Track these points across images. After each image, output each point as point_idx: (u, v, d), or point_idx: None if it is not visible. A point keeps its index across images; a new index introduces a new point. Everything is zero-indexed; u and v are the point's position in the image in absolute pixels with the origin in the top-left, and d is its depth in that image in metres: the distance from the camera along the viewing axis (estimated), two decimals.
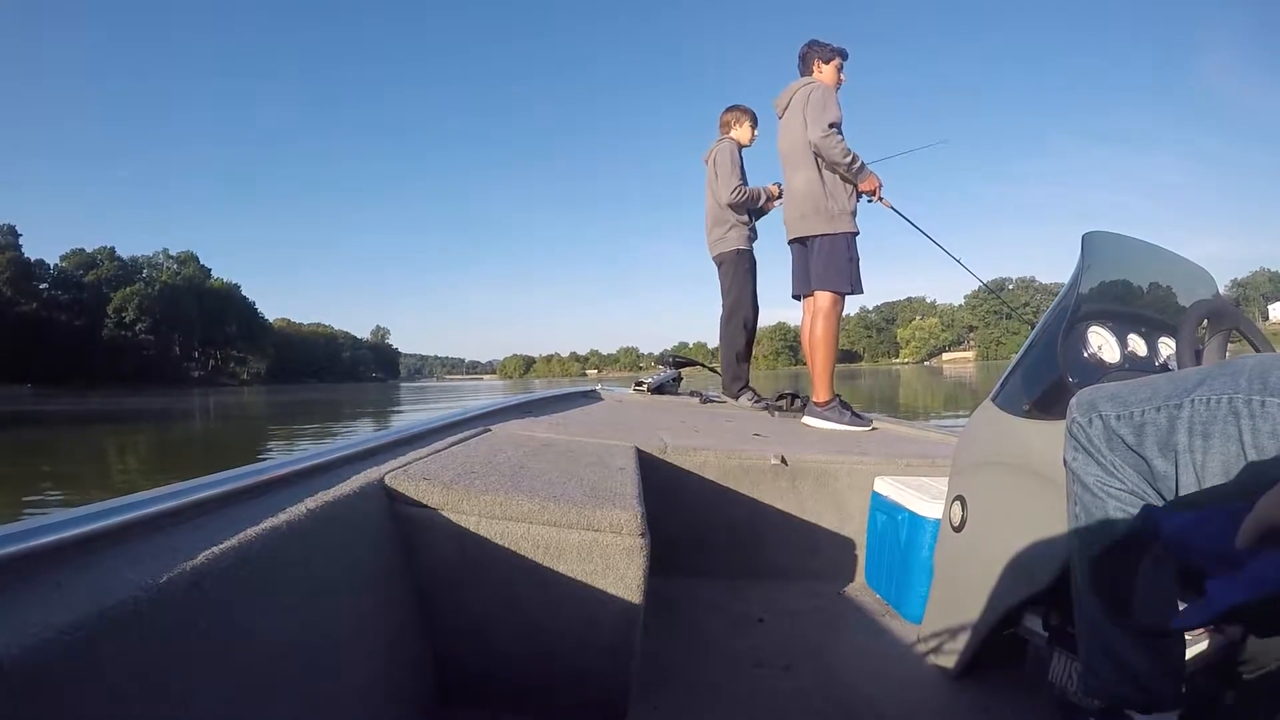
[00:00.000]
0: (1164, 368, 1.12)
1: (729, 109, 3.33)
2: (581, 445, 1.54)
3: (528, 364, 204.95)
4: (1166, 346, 1.15)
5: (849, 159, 2.47)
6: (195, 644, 0.53)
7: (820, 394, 2.52)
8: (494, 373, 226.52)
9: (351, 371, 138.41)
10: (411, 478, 0.95)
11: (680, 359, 4.59)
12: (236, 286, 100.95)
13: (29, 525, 0.58)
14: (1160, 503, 0.77)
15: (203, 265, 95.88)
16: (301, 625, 0.67)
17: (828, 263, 2.52)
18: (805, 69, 2.70)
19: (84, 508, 0.64)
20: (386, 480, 0.94)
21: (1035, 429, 1.06)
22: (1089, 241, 1.14)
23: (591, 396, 3.37)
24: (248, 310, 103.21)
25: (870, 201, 2.63)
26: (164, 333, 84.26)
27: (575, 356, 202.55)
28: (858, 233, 2.57)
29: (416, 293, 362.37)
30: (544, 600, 0.93)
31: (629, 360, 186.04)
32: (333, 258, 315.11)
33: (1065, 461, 0.86)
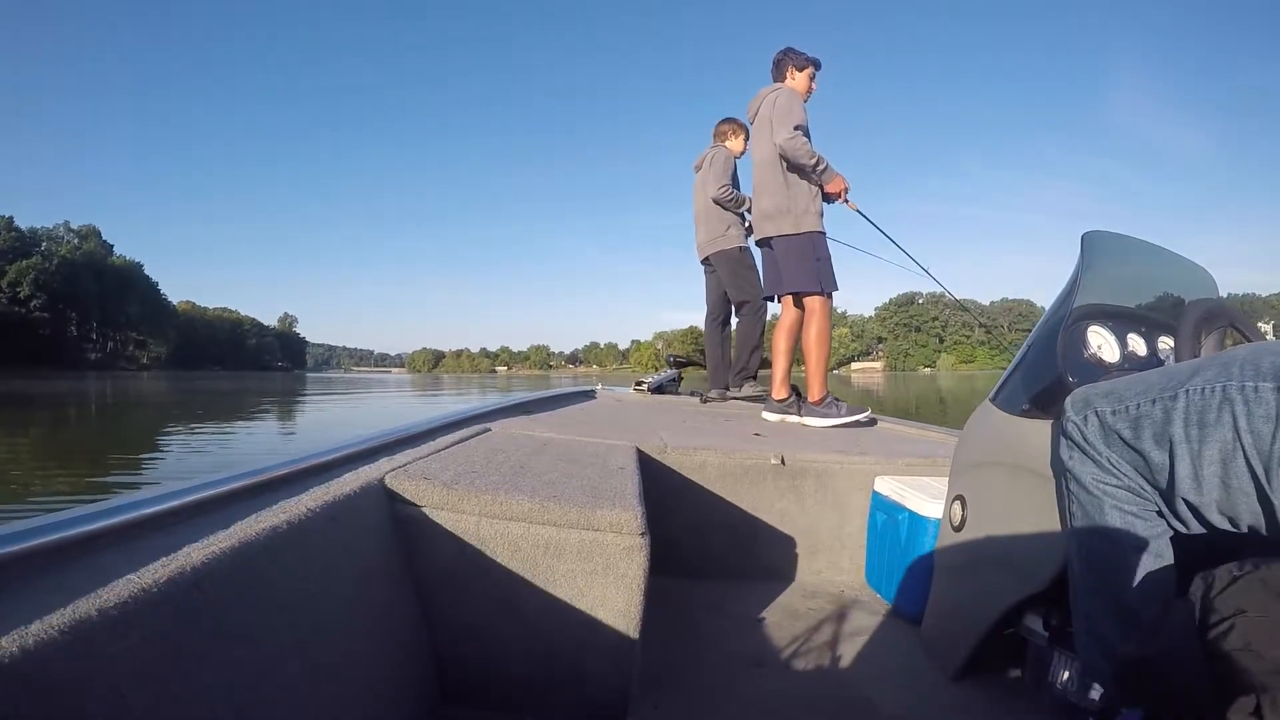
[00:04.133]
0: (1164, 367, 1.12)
1: (725, 120, 3.47)
2: (581, 445, 1.54)
3: (437, 358, 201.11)
4: (1166, 346, 1.15)
5: (814, 160, 2.50)
6: (195, 644, 0.53)
7: (814, 392, 2.55)
8: (402, 366, 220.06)
9: (256, 359, 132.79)
10: (411, 477, 0.95)
11: (680, 359, 4.58)
12: (139, 265, 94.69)
13: (29, 525, 0.58)
14: (1157, 496, 0.78)
15: (105, 241, 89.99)
16: (301, 625, 0.67)
17: (796, 263, 2.56)
18: (779, 75, 2.74)
19: (84, 508, 0.64)
20: (386, 480, 0.94)
21: (1035, 428, 1.06)
22: (1088, 241, 1.14)
23: (590, 396, 3.38)
24: (150, 291, 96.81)
25: (834, 203, 2.66)
26: (61, 311, 78.40)
27: (485, 353, 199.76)
28: (823, 232, 2.59)
29: (327, 280, 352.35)
30: (544, 600, 0.93)
31: (540, 358, 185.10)
32: (241, 239, 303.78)
33: (1061, 461, 0.86)
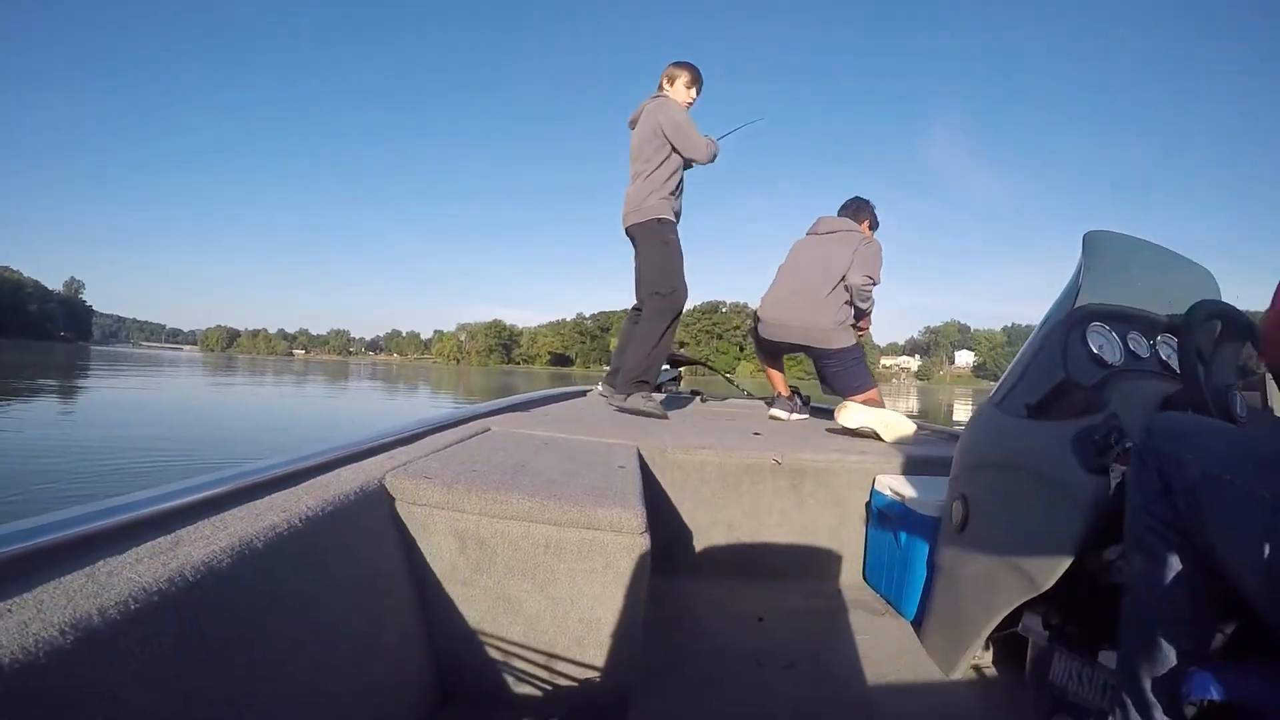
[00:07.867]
0: (1165, 367, 1.12)
1: (673, 64, 2.69)
2: (581, 444, 1.54)
3: (231, 337, 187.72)
4: (1167, 346, 1.15)
5: (867, 305, 2.86)
6: (195, 644, 0.53)
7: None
8: (195, 344, 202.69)
9: (38, 327, 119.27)
10: (411, 477, 0.95)
11: (680, 358, 4.57)
12: None
13: (29, 525, 0.58)
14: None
15: None
16: (301, 625, 0.67)
17: (853, 369, 2.80)
18: (856, 221, 2.99)
19: (84, 507, 0.64)
20: (386, 480, 0.94)
21: (1037, 430, 1.06)
22: (1090, 241, 1.14)
23: (590, 396, 3.37)
24: None
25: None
26: None
27: (284, 334, 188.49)
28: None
29: (120, 244, 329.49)
30: (544, 599, 0.93)
31: (339, 343, 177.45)
32: (20, 181, 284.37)
33: (1128, 483, 0.82)
